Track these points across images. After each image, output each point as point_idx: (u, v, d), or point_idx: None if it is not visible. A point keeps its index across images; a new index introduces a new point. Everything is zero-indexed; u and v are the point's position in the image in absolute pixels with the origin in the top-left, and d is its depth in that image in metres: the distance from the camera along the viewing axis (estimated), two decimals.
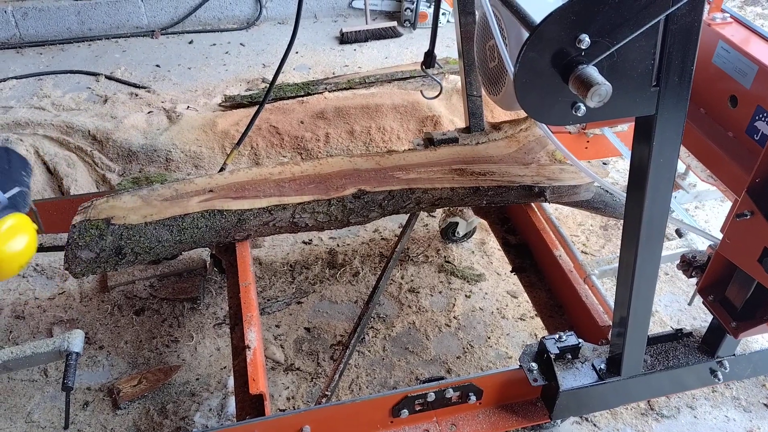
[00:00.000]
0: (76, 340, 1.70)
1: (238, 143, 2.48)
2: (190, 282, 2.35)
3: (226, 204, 1.79)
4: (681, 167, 2.26)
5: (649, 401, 1.98)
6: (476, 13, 2.01)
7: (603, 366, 1.56)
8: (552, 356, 1.54)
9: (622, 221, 2.91)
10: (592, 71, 0.93)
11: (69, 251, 1.68)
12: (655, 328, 2.18)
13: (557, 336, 1.56)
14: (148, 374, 2.03)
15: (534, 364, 1.56)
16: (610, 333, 1.57)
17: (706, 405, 1.99)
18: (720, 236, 1.38)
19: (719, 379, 1.63)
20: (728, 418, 1.95)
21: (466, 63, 2.09)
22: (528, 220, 2.06)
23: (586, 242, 2.59)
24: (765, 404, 1.99)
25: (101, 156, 2.88)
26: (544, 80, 0.97)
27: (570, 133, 2.29)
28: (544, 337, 1.56)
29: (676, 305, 2.33)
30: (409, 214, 2.35)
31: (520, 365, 1.58)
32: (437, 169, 1.97)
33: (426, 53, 2.10)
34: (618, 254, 2.17)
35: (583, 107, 1.00)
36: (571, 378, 1.55)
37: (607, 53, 0.95)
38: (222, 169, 2.45)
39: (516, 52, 1.95)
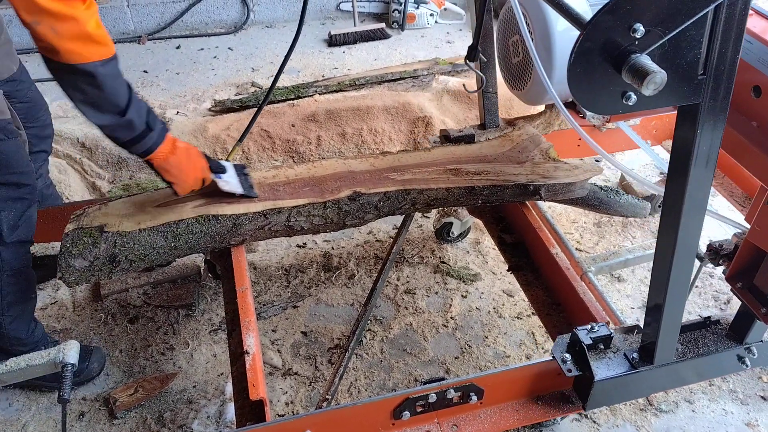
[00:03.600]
0: (71, 352, 1.66)
1: (236, 144, 2.45)
2: (184, 289, 2.33)
3: (221, 209, 1.77)
4: None
5: (647, 396, 1.99)
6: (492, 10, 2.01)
7: (635, 355, 1.56)
8: (585, 346, 1.54)
9: (615, 218, 2.91)
10: (646, 60, 0.95)
11: (62, 260, 1.66)
12: None
13: (589, 326, 1.56)
14: (144, 383, 2.00)
15: (567, 355, 1.56)
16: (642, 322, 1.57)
17: (704, 399, 2.00)
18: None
19: (747, 365, 1.64)
20: (726, 412, 1.96)
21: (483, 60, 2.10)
22: (523, 218, 2.06)
23: (580, 239, 2.60)
24: (762, 396, 2.00)
25: (90, 163, 2.85)
26: (596, 70, 0.98)
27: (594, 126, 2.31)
28: (576, 328, 1.56)
29: None
30: (404, 216, 2.34)
31: (553, 356, 1.57)
32: (432, 170, 1.97)
33: (469, 47, 2.11)
34: (613, 251, 2.18)
35: (634, 96, 1.01)
36: (605, 368, 1.54)
37: (660, 42, 0.97)
38: None
39: (542, 47, 1.97)
